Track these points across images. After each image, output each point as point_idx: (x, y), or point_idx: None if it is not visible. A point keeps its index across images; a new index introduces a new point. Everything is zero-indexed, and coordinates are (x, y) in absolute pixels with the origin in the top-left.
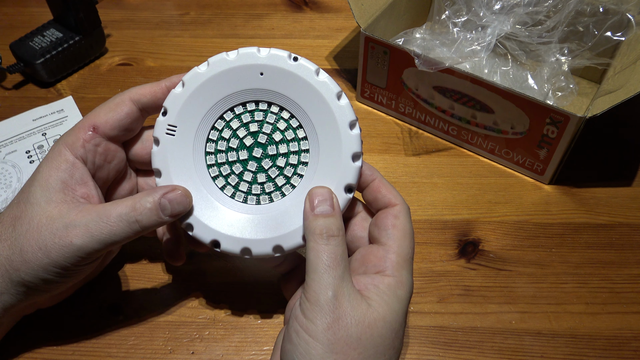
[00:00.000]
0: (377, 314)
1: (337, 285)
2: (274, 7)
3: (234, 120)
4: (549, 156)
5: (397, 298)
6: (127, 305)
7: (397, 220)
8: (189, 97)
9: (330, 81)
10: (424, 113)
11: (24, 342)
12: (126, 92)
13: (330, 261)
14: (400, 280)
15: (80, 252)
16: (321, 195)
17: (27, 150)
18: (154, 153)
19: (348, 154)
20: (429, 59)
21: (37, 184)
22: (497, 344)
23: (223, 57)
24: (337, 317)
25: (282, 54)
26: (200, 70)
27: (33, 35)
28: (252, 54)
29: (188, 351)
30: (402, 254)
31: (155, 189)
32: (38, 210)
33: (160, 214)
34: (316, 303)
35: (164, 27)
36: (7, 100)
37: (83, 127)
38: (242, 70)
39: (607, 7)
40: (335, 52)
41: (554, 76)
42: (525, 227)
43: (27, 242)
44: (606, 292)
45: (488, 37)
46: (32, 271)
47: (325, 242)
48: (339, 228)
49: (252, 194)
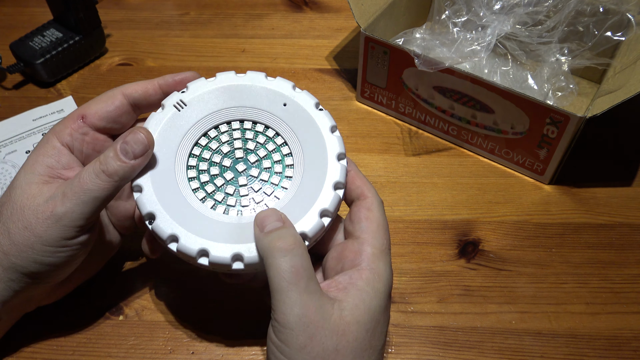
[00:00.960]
0: (350, 318)
1: (304, 301)
2: (274, 7)
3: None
4: (549, 156)
5: (375, 293)
6: (127, 305)
7: (369, 212)
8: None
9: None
10: (424, 113)
11: (24, 341)
12: (120, 87)
13: (291, 276)
14: (377, 272)
15: (63, 219)
16: (267, 216)
17: (27, 150)
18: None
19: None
20: (429, 59)
21: (23, 170)
22: (497, 344)
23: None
24: (311, 334)
25: (288, 84)
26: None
27: (33, 35)
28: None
29: (188, 351)
30: (377, 246)
31: (119, 137)
32: (20, 193)
33: (123, 158)
34: (286, 325)
35: (164, 27)
36: (7, 100)
37: (72, 116)
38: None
39: (607, 7)
40: (335, 52)
41: (554, 76)
42: (525, 227)
43: (13, 225)
44: (606, 292)
45: (488, 37)
46: (21, 253)
47: (282, 255)
48: (293, 236)
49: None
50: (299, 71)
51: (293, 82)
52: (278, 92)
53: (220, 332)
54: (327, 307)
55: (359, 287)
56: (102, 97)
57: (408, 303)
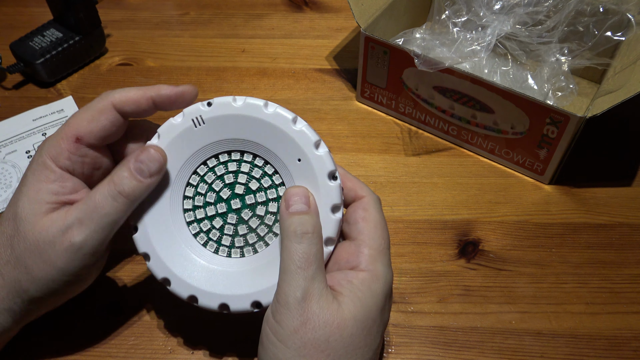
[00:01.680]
0: (347, 313)
1: (307, 286)
2: (274, 7)
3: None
4: (549, 156)
5: (371, 293)
6: (127, 305)
7: (366, 212)
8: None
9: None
10: (424, 113)
11: (23, 342)
12: (109, 96)
13: (301, 261)
14: (375, 273)
15: (83, 248)
16: (296, 194)
17: (27, 150)
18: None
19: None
20: (428, 59)
21: (26, 198)
22: (497, 344)
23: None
24: (305, 319)
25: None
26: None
27: (33, 35)
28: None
29: (188, 351)
30: (375, 246)
31: (128, 157)
32: (30, 226)
33: (139, 177)
34: (285, 305)
35: (164, 27)
36: (7, 100)
37: (66, 136)
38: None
39: (607, 7)
40: (335, 52)
41: (554, 76)
42: (525, 227)
43: (30, 260)
44: (606, 292)
45: (488, 37)
46: (42, 287)
47: (298, 240)
48: (313, 225)
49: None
50: (299, 71)
51: (311, 123)
52: (297, 145)
53: (220, 332)
54: (327, 298)
55: (356, 286)
56: (93, 112)
57: (408, 303)
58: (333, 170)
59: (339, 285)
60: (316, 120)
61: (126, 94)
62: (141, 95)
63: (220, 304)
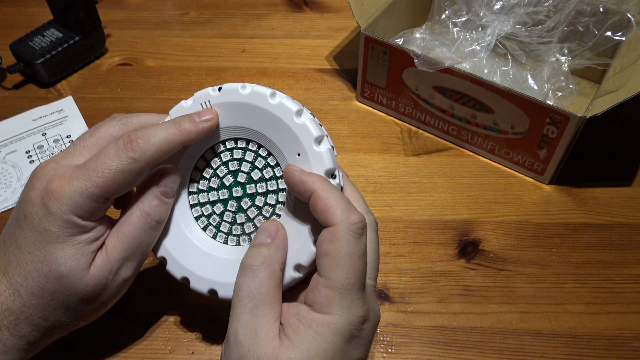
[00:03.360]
0: (286, 356)
1: (246, 320)
2: (274, 7)
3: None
4: (549, 156)
5: (317, 337)
6: (127, 305)
7: (331, 245)
8: None
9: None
10: (424, 113)
11: None
12: (142, 156)
13: (244, 294)
14: (328, 319)
15: (130, 279)
16: (263, 229)
17: (27, 150)
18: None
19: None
20: (428, 59)
21: (66, 257)
22: (497, 344)
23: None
24: (240, 355)
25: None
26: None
27: (33, 35)
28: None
29: (188, 351)
30: (333, 288)
31: (149, 187)
32: (79, 280)
33: (167, 200)
34: (227, 338)
35: (164, 27)
36: (7, 100)
37: (95, 197)
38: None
39: (607, 7)
40: (335, 52)
41: (554, 76)
42: (525, 227)
43: (82, 305)
44: (606, 292)
45: (488, 37)
46: (90, 320)
47: (243, 273)
48: (264, 257)
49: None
50: (299, 71)
51: (318, 119)
52: (298, 140)
53: (220, 332)
54: (265, 335)
55: (302, 326)
56: (127, 174)
57: (408, 303)
58: (332, 168)
59: (289, 321)
60: None
61: (160, 148)
62: (174, 148)
63: (210, 289)
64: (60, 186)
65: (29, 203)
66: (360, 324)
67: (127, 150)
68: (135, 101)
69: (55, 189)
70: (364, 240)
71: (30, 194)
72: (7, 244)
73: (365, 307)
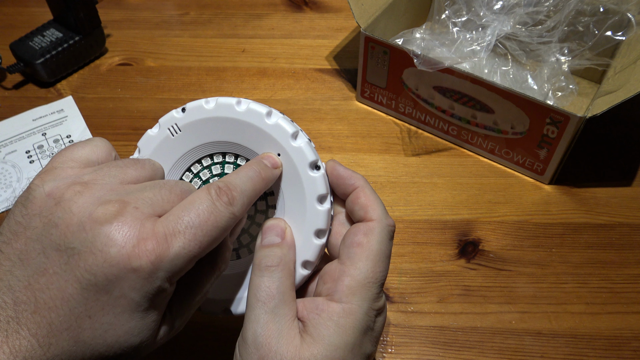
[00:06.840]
0: (307, 352)
1: (266, 321)
2: (274, 7)
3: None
4: (549, 156)
5: (339, 330)
6: None
7: (365, 237)
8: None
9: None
10: (424, 113)
11: None
12: (240, 211)
13: (263, 295)
14: (349, 308)
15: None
16: (271, 227)
17: (27, 150)
18: None
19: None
20: (428, 59)
21: (135, 339)
22: (497, 344)
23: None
24: (262, 356)
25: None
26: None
27: (33, 35)
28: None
29: (188, 351)
30: (359, 278)
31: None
32: (139, 355)
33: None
34: (245, 340)
35: (164, 27)
36: (7, 100)
37: (195, 258)
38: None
39: (607, 7)
40: (335, 52)
41: (554, 76)
42: (525, 227)
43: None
44: (606, 292)
45: (488, 37)
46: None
47: (261, 273)
48: (280, 258)
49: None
50: (299, 71)
51: (295, 122)
52: (274, 139)
53: (221, 332)
54: (288, 334)
55: (323, 319)
56: (224, 233)
57: (408, 303)
58: (314, 160)
59: (307, 317)
60: (316, 120)
61: (251, 201)
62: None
63: (224, 309)
64: (158, 246)
65: (105, 262)
66: (376, 317)
67: (226, 204)
68: (135, 101)
69: (152, 250)
70: (392, 243)
71: (109, 251)
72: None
73: (383, 300)
